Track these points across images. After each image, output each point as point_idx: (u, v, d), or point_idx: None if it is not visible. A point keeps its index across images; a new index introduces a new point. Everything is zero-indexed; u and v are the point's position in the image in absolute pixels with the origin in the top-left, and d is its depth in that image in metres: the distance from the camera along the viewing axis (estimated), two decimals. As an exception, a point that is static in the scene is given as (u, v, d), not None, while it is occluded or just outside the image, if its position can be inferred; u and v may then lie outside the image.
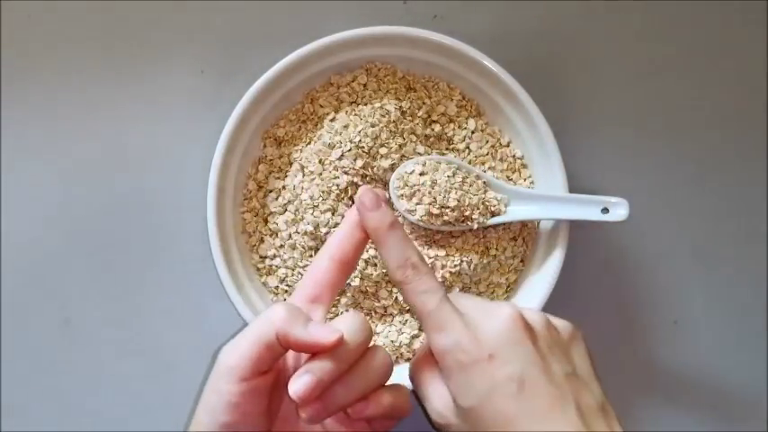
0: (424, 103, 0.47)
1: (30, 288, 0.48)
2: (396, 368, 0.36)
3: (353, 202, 0.44)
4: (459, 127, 0.47)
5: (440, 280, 0.44)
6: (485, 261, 0.45)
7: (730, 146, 0.52)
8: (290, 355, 0.35)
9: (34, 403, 0.48)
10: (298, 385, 0.31)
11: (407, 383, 0.36)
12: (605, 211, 0.44)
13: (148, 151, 0.49)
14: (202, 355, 0.47)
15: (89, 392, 0.48)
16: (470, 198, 0.44)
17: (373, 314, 0.45)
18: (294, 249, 0.45)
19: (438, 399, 0.34)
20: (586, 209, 0.44)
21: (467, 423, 0.33)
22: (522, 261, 0.47)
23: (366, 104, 0.46)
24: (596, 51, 0.52)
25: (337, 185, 0.44)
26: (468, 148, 0.47)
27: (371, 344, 0.34)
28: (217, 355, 0.33)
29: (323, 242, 0.44)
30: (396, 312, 0.45)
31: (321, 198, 0.44)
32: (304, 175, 0.45)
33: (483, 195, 0.45)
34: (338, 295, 0.44)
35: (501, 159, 0.47)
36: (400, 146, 0.45)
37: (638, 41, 0.52)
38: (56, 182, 0.49)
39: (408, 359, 0.45)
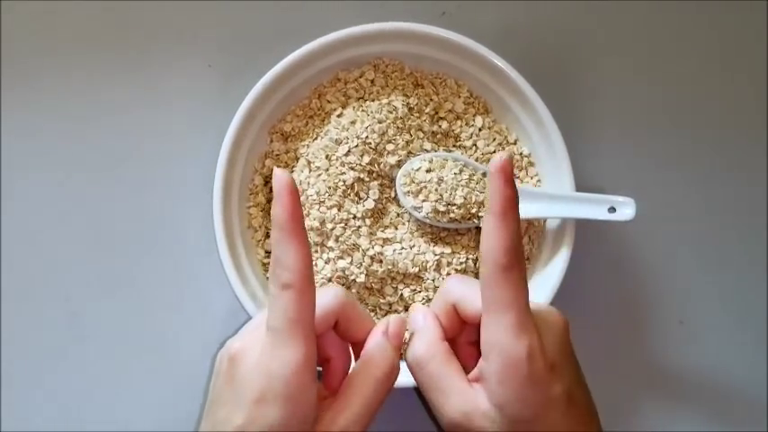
0: (431, 100, 0.47)
1: (34, 282, 0.48)
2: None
3: (360, 198, 0.44)
4: (466, 124, 0.47)
5: (445, 277, 0.44)
6: (490, 259, 0.45)
7: (739, 145, 0.52)
8: None
9: (36, 400, 0.48)
10: None
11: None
12: (612, 210, 0.44)
13: (155, 145, 0.49)
14: (207, 350, 0.47)
15: (93, 387, 0.48)
16: (477, 195, 0.44)
17: (378, 310, 0.45)
18: (300, 245, 0.45)
19: (465, 399, 0.33)
20: (593, 208, 0.44)
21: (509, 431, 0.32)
22: (528, 259, 0.47)
23: (373, 101, 0.46)
24: (605, 50, 0.52)
25: (344, 181, 0.44)
26: (475, 145, 0.47)
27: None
28: (219, 350, 0.34)
29: (328, 237, 0.44)
30: (401, 309, 0.45)
31: (327, 194, 0.44)
32: (311, 171, 0.45)
33: (489, 193, 0.45)
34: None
35: (508, 157, 0.47)
36: (407, 142, 0.45)
37: (646, 40, 0.52)
38: (61, 175, 0.49)
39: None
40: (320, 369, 0.35)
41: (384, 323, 0.35)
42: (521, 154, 0.47)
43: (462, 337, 0.37)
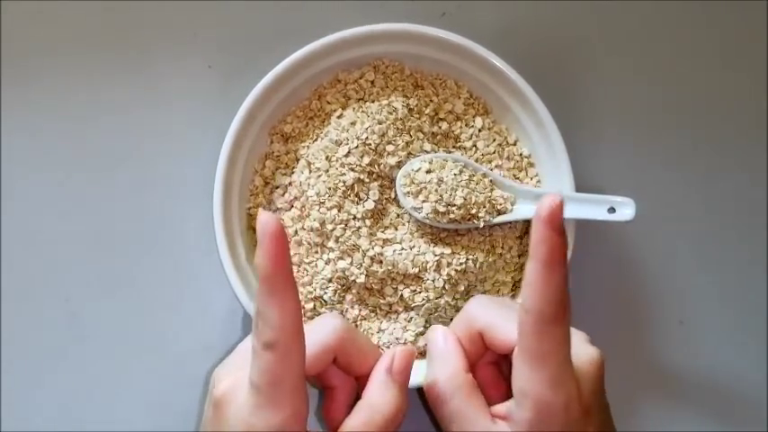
0: (431, 101, 0.47)
1: (34, 282, 0.48)
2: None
3: (360, 199, 0.44)
4: (466, 125, 0.47)
5: (445, 278, 0.44)
6: (490, 259, 0.45)
7: (739, 145, 0.52)
8: None
9: (36, 400, 0.48)
10: None
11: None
12: (612, 210, 0.44)
13: (155, 145, 0.49)
14: (207, 350, 0.47)
15: (93, 387, 0.48)
16: (477, 196, 0.44)
17: (378, 311, 0.45)
18: (300, 246, 0.45)
19: None
20: (593, 208, 0.44)
21: None
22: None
23: (373, 101, 0.46)
24: (604, 50, 0.52)
25: (344, 182, 0.44)
26: (474, 146, 0.47)
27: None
28: (210, 376, 0.33)
29: (328, 238, 0.44)
30: (401, 310, 0.45)
31: (327, 195, 0.44)
32: (311, 172, 0.45)
33: (489, 194, 0.45)
34: (343, 292, 0.44)
35: (508, 158, 0.47)
36: (407, 143, 0.45)
37: (645, 41, 0.52)
38: (61, 175, 0.49)
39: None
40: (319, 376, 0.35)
41: (389, 357, 0.34)
42: (521, 155, 0.47)
43: (483, 358, 0.36)
